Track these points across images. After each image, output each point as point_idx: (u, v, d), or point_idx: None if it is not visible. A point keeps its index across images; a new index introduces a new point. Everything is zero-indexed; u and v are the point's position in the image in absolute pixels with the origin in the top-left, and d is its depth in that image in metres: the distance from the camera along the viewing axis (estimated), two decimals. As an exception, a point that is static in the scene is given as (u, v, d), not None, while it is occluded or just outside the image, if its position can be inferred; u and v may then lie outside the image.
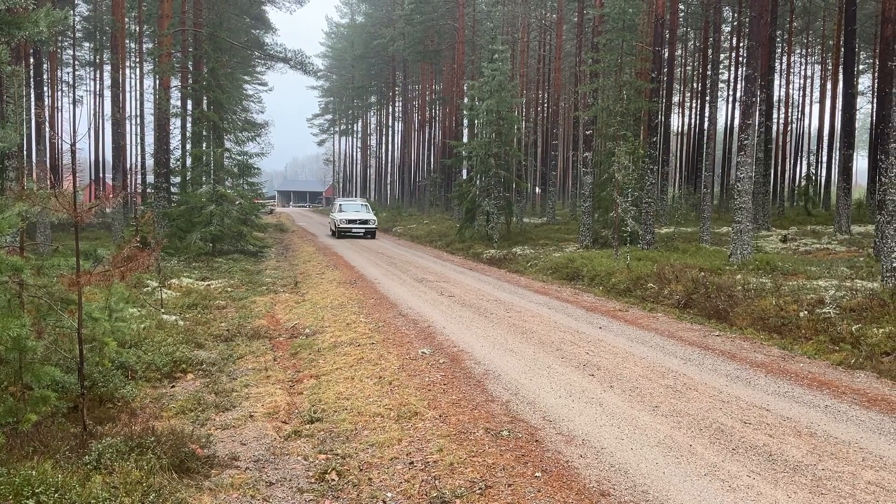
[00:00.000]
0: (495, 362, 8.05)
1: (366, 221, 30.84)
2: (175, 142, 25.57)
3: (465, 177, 33.13)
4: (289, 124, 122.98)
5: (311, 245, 27.59)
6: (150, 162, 28.78)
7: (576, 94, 39.07)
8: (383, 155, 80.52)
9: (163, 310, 11.10)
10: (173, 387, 7.32)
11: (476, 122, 29.50)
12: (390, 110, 76.48)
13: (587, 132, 25.71)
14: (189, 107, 29.47)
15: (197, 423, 6.05)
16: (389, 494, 4.58)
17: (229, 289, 14.47)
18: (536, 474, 4.77)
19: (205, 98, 25.69)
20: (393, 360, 8.14)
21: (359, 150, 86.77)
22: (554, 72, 39.98)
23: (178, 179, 25.60)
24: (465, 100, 35.69)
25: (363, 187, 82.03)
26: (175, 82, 28.15)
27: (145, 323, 9.49)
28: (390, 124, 77.91)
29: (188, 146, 28.30)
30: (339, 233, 30.63)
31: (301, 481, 4.91)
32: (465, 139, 36.98)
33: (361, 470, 5.02)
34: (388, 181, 79.60)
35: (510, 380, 7.27)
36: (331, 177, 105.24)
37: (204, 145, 23.84)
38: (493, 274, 17.67)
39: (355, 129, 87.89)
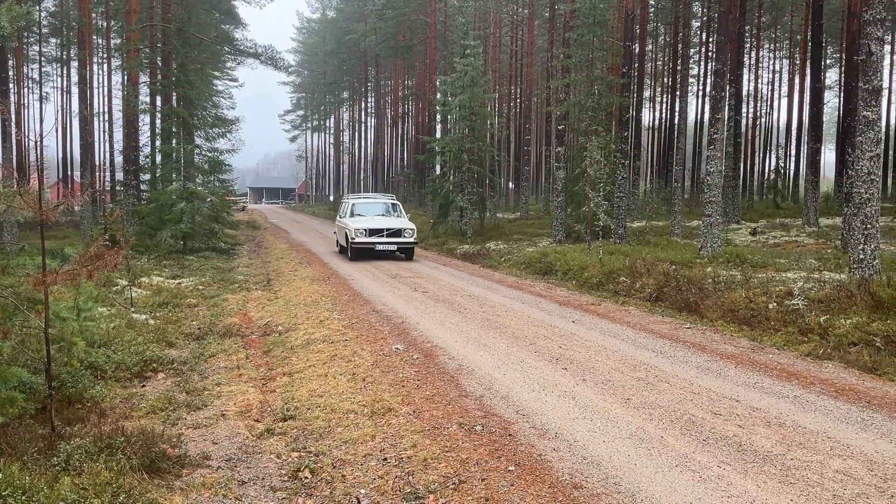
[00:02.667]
0: (469, 357, 8.06)
1: (399, 232, 19.17)
2: (144, 138, 25.22)
3: (438, 172, 33.06)
4: (260, 120, 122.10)
5: (283, 242, 27.43)
6: (119, 159, 28.38)
7: (548, 90, 39.16)
8: (356, 151, 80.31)
9: (133, 309, 10.97)
10: (144, 386, 7.24)
11: (449, 117, 29.48)
12: (363, 106, 76.23)
13: (559, 127, 25.82)
14: (158, 103, 29.13)
15: (168, 423, 5.99)
16: (363, 491, 4.57)
17: (201, 287, 14.34)
18: (510, 468, 4.79)
19: (174, 94, 25.40)
20: (366, 356, 8.12)
21: (332, 146, 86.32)
22: (526, 67, 40.09)
23: (147, 177, 25.26)
24: (438, 95, 35.64)
25: (336, 183, 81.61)
26: (144, 78, 27.80)
27: (115, 322, 9.37)
28: (363, 120, 77.70)
29: (158, 143, 27.94)
30: (355, 250, 19.12)
31: (274, 479, 4.88)
32: (438, 135, 36.94)
33: (335, 467, 5.01)
34: (362, 177, 79.38)
35: (484, 375, 7.29)
36: (304, 173, 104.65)
37: (174, 142, 23.54)
38: (467, 269, 17.69)
39: (328, 124, 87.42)
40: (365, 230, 18.94)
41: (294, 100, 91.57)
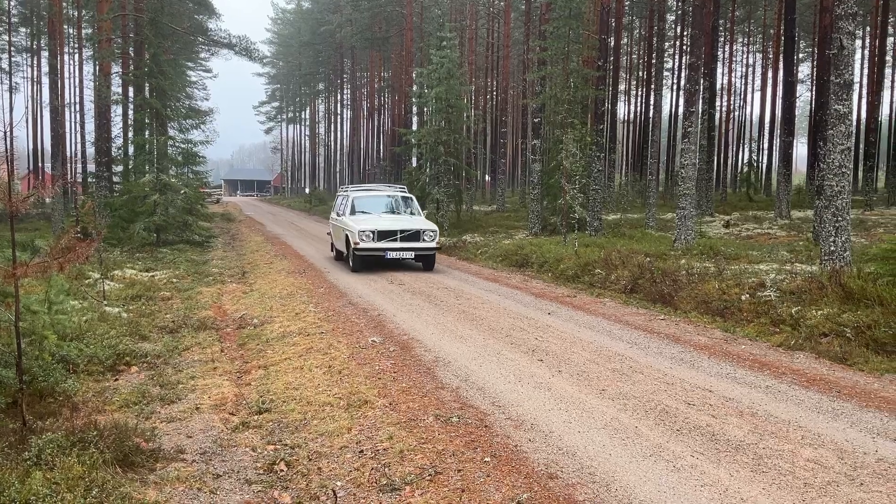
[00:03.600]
0: (445, 349, 8.07)
1: (416, 234, 15.08)
2: (117, 130, 24.90)
3: (414, 165, 33.00)
4: (235, 112, 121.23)
5: (259, 234, 27.25)
6: (91, 151, 27.99)
7: (524, 82, 39.23)
8: (332, 143, 79.86)
9: (105, 302, 10.84)
10: (117, 380, 7.17)
11: (425, 109, 29.45)
12: (339, 98, 75.79)
13: (535, 120, 25.87)
14: (131, 94, 28.72)
15: (141, 417, 5.94)
16: (339, 483, 4.57)
17: (174, 279, 14.20)
18: (486, 459, 4.81)
19: (147, 85, 25.04)
20: (343, 349, 8.10)
21: (307, 137, 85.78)
22: (502, 59, 40.12)
23: (120, 168, 24.97)
24: (414, 87, 35.51)
25: (312, 175, 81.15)
26: (116, 69, 27.39)
27: (87, 315, 9.26)
28: (339, 112, 77.26)
29: (130, 134, 27.59)
30: (360, 259, 14.91)
31: (249, 472, 4.86)
32: (414, 127, 36.85)
33: (311, 460, 5.00)
34: (338, 169, 78.98)
35: (460, 366, 7.30)
36: (279, 165, 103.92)
37: (147, 133, 23.25)
38: (444, 261, 17.69)
39: (303, 116, 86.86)
40: (372, 232, 14.67)
41: (269, 91, 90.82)
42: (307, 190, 74.89)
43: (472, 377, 6.88)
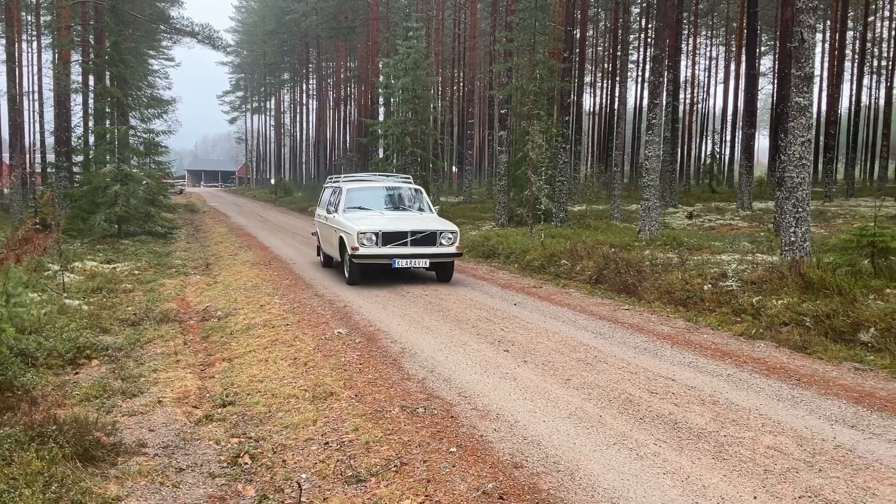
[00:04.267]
0: (412, 340, 8.07)
1: (431, 237, 12.32)
2: (76, 119, 24.50)
3: (381, 155, 32.89)
4: (198, 101, 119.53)
5: (223, 226, 26.97)
6: (50, 140, 27.39)
7: (491, 73, 39.23)
8: (298, 133, 79.20)
9: (65, 294, 10.64)
10: (77, 373, 7.04)
11: (392, 100, 29.34)
12: (304, 88, 75.15)
13: (502, 111, 25.93)
14: (91, 82, 28.19)
15: (102, 411, 5.85)
16: (304, 475, 4.54)
17: (136, 271, 14.00)
18: (451, 449, 4.82)
19: (107, 73, 24.62)
20: (308, 340, 8.06)
21: (272, 128, 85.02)
22: (469, 50, 40.07)
23: (80, 158, 24.54)
24: (381, 78, 35.36)
25: (278, 166, 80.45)
26: (76, 57, 26.86)
27: (46, 308, 9.08)
28: (305, 102, 76.62)
29: (91, 124, 27.09)
30: (359, 267, 12.24)
31: (213, 466, 4.82)
32: (381, 117, 36.69)
33: (275, 452, 4.97)
34: (304, 160, 78.41)
35: (426, 357, 7.30)
36: (244, 155, 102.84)
37: (107, 122, 22.90)
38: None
39: (268, 106, 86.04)
40: (375, 235, 11.84)
41: (233, 80, 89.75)
42: (272, 181, 74.25)
43: (438, 368, 6.89)
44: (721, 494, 4.09)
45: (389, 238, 12.01)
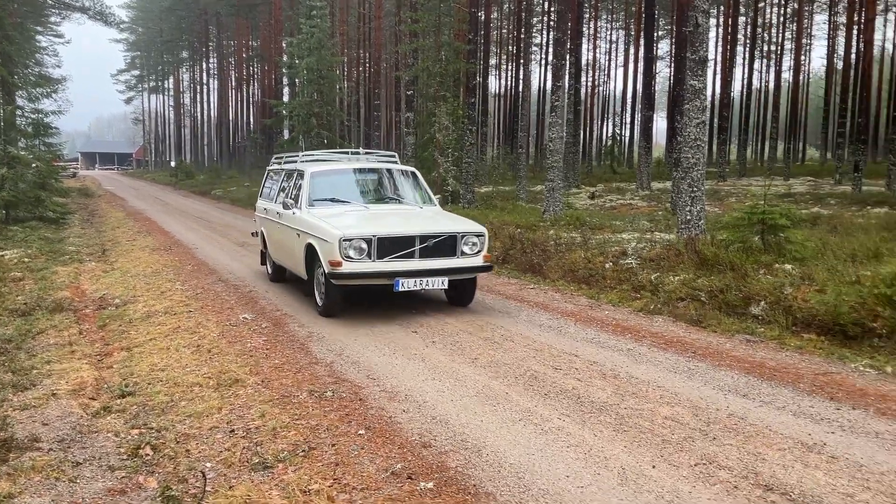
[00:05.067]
0: (319, 324, 7.99)
1: (449, 242, 8.40)
2: (-44, 98, 22.91)
3: (286, 137, 32.26)
4: (92, 80, 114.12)
5: (120, 210, 25.93)
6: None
7: (397, 54, 38.97)
8: (199, 114, 76.80)
9: (-53, 285, 10.01)
10: (-38, 368, 6.65)
11: (296, 80, 28.78)
12: (205, 67, 72.81)
13: (408, 93, 25.87)
14: (-29, 59, 26.44)
15: (-9, 406, 5.55)
16: (209, 465, 4.44)
17: (27, 259, 13.29)
18: (360, 432, 4.81)
19: (-10, 50, 23.15)
20: (212, 327, 7.86)
21: (171, 108, 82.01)
22: (374, 31, 39.66)
23: (-39, 140, 23.01)
24: (285, 57, 34.58)
25: (178, 148, 77.80)
26: (-47, 31, 25.11)
27: (-75, 300, 8.53)
28: (205, 82, 74.30)
29: (-28, 103, 25.43)
30: (340, 290, 8.19)
31: (112, 459, 4.65)
32: (285, 98, 35.96)
33: (178, 442, 4.83)
34: (206, 142, 76.09)
35: (335, 340, 7.25)
36: (141, 137, 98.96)
37: (-9, 102, 21.53)
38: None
39: (167, 85, 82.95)
40: (367, 241, 8.06)
41: (128, 59, 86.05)
42: (173, 163, 71.81)
43: (346, 351, 6.85)
44: (622, 465, 4.24)
45: (389, 246, 8.05)
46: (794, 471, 4.14)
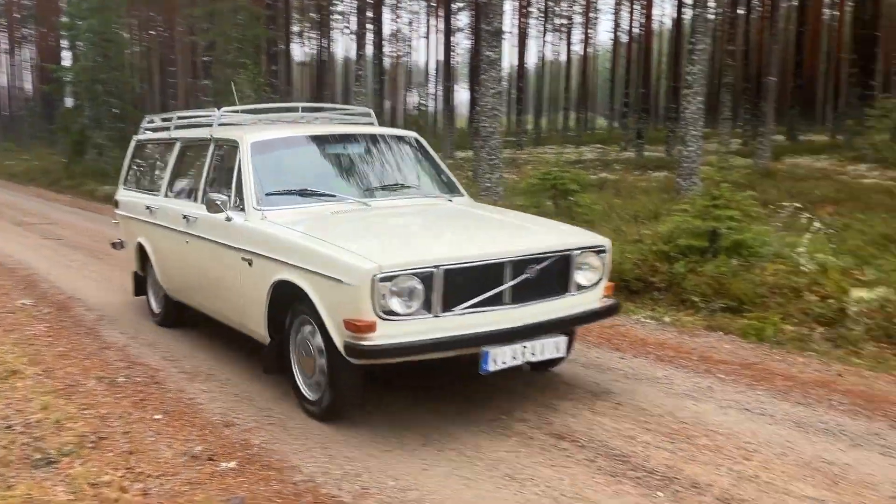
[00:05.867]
0: (112, 305, 7.51)
1: (561, 266, 4.43)
2: None
3: (70, 105, 29.66)
4: None
5: None
6: None
7: (192, 18, 36.90)
8: (-36, 80, 68.67)
9: None
10: None
11: (77, 43, 26.48)
12: (-32, 27, 65.11)
13: (206, 59, 24.66)
14: None
15: None
16: (-18, 466, 4.04)
17: None
18: (156, 416, 4.58)
19: None
20: (-16, 317, 7.13)
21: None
22: (166, -8, 37.28)
23: None
24: (64, 18, 31.65)
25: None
26: None
27: None
28: (-30, 44, 66.46)
29: None
30: (354, 376, 4.21)
31: None
32: (67, 63, 32.98)
33: (-56, 445, 4.35)
34: (-27, 111, 68.33)
35: (128, 321, 6.85)
36: None
37: None
38: (110, 212, 16.29)
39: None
40: (423, 276, 3.94)
41: None
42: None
43: (142, 333, 6.48)
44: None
45: (462, 284, 4.10)
46: (583, 419, 4.44)
